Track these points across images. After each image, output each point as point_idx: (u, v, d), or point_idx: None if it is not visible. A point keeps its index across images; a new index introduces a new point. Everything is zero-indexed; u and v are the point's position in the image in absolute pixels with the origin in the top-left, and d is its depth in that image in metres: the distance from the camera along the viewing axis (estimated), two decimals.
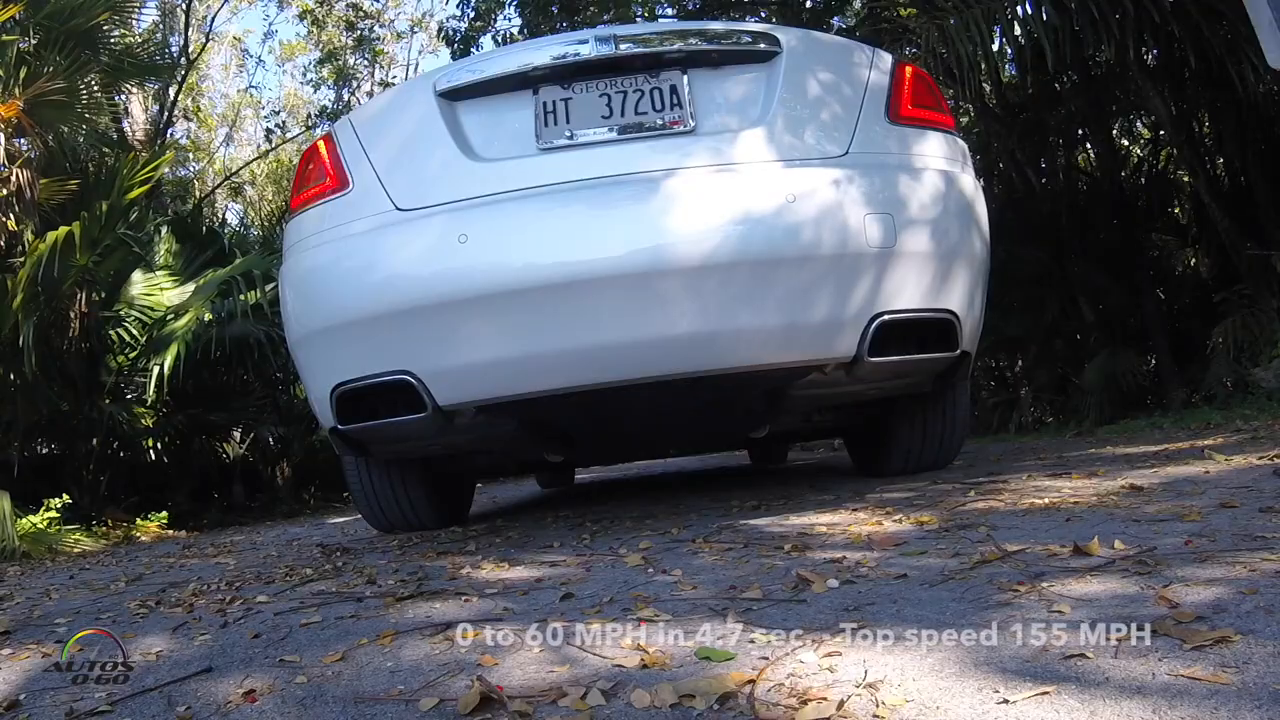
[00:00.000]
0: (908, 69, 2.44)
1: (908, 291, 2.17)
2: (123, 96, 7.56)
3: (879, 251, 2.11)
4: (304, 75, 16.24)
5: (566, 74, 2.25)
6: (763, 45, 2.31)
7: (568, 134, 2.22)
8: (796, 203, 2.07)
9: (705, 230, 2.04)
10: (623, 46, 2.24)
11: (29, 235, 4.75)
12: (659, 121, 2.22)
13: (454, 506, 3.08)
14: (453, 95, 2.28)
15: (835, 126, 2.25)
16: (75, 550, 4.17)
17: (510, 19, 8.99)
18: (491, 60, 2.35)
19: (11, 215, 4.68)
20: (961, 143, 2.48)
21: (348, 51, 14.38)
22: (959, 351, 2.32)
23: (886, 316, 2.14)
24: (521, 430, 2.43)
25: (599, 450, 3.45)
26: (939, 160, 2.33)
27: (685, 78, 2.24)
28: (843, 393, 2.43)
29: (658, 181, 2.11)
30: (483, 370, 2.11)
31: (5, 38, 4.89)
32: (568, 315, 2.05)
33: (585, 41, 2.26)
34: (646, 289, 2.04)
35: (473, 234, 2.07)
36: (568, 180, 2.13)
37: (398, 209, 2.18)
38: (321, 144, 2.42)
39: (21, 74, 4.88)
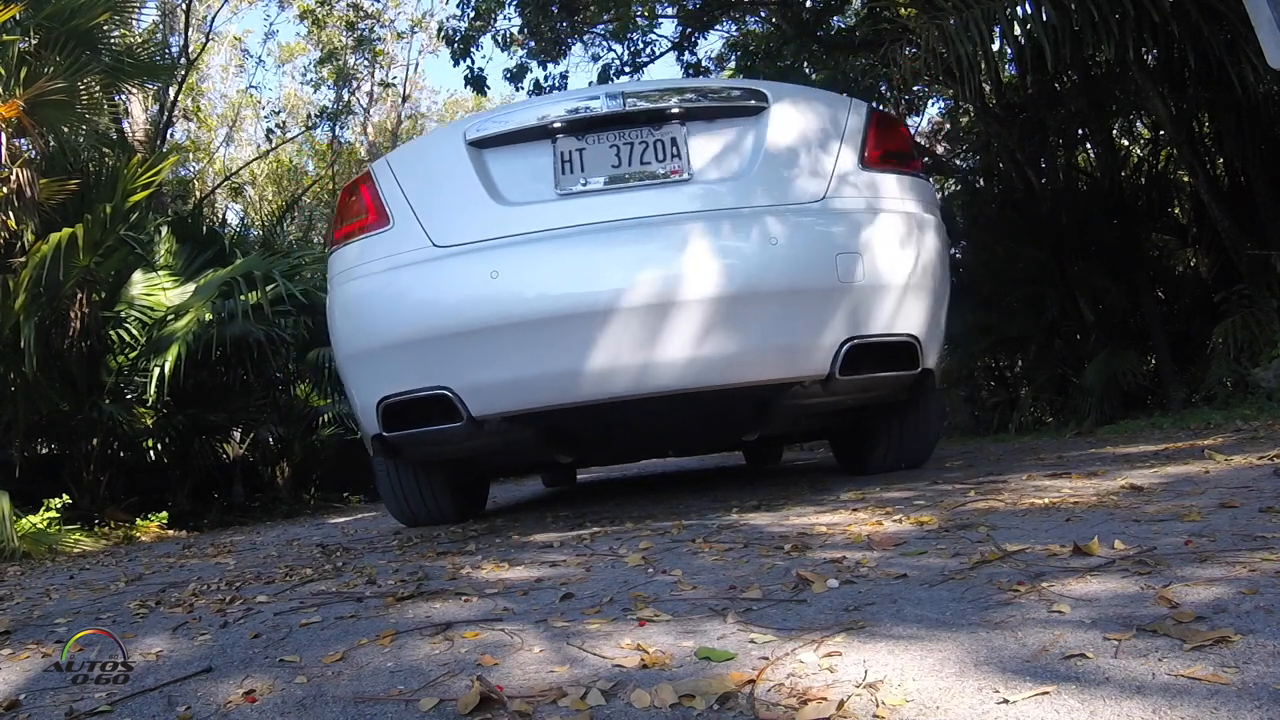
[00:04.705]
0: (882, 118, 2.71)
1: (874, 319, 2.45)
2: (123, 97, 7.55)
3: (849, 286, 2.39)
4: (304, 75, 16.22)
5: (581, 127, 2.51)
6: (752, 101, 2.57)
7: (582, 181, 2.49)
8: (778, 245, 2.37)
9: (700, 268, 2.33)
10: (629, 102, 2.51)
11: (29, 235, 4.75)
12: (660, 171, 2.49)
13: (471, 502, 3.37)
14: (480, 144, 2.55)
15: (814, 174, 2.51)
16: (75, 550, 4.16)
17: (510, 19, 8.98)
18: (515, 113, 2.61)
19: (11, 214, 4.68)
20: (928, 185, 2.76)
21: (348, 51, 14.36)
22: (920, 369, 2.56)
23: (855, 341, 2.42)
24: (539, 436, 2.70)
25: (605, 452, 3.79)
26: (906, 203, 2.58)
27: (684, 130, 2.52)
28: (820, 404, 2.68)
29: (660, 225, 2.39)
30: (510, 386, 2.40)
31: (5, 38, 4.89)
32: (584, 340, 2.33)
33: (597, 97, 2.54)
34: (650, 318, 2.32)
35: (503, 270, 2.36)
36: (583, 223, 2.41)
37: (435, 245, 2.46)
38: (361, 182, 2.68)
39: (22, 74, 4.87)
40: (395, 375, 2.47)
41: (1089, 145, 8.27)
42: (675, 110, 2.52)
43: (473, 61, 8.75)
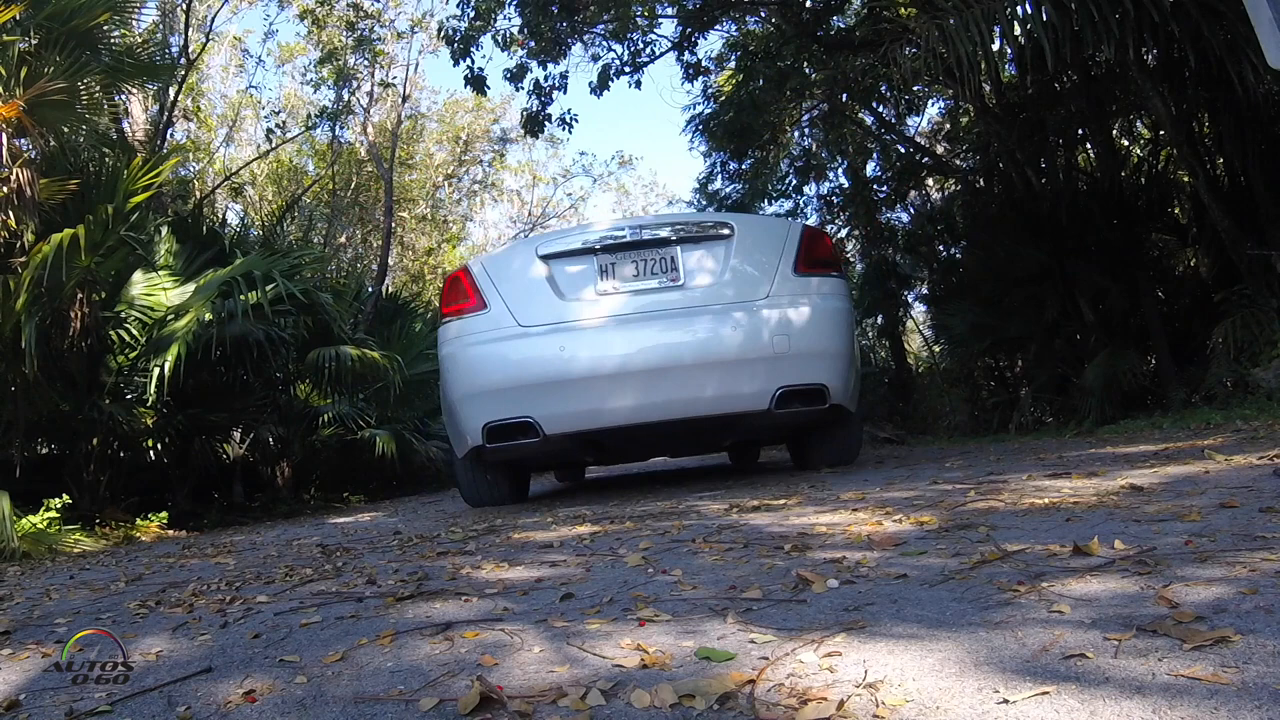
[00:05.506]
0: (811, 234, 3.84)
1: (797, 374, 3.55)
2: (123, 97, 7.52)
3: (782, 354, 3.53)
4: (304, 75, 16.17)
5: (612, 248, 3.66)
6: (724, 230, 3.73)
7: (614, 285, 3.64)
8: (737, 329, 3.53)
9: (688, 344, 3.50)
10: (644, 232, 3.68)
11: (29, 235, 4.75)
12: (663, 280, 3.64)
13: (521, 489, 4.48)
14: (547, 257, 3.69)
15: (762, 278, 3.65)
16: (75, 550, 4.16)
17: (510, 19, 8.96)
18: (569, 236, 3.75)
19: (11, 214, 4.68)
20: (842, 280, 3.88)
21: (348, 51, 14.32)
22: (829, 404, 3.62)
23: (785, 388, 3.52)
24: (580, 446, 3.79)
25: (620, 455, 5.03)
26: (825, 297, 3.70)
27: (678, 249, 3.67)
28: (767, 426, 3.85)
29: (663, 316, 3.56)
30: (570, 416, 3.50)
31: (6, 38, 4.88)
32: (617, 388, 3.48)
33: (623, 229, 3.69)
34: (657, 375, 3.48)
35: (566, 345, 3.51)
36: (615, 314, 3.57)
37: (520, 325, 3.59)
38: (461, 275, 3.83)
39: (22, 74, 4.87)
40: (495, 409, 3.54)
41: (1089, 145, 8.26)
42: (672, 237, 3.66)
43: (473, 61, 8.73)
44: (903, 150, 11.41)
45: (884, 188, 11.61)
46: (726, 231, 3.70)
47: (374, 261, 16.94)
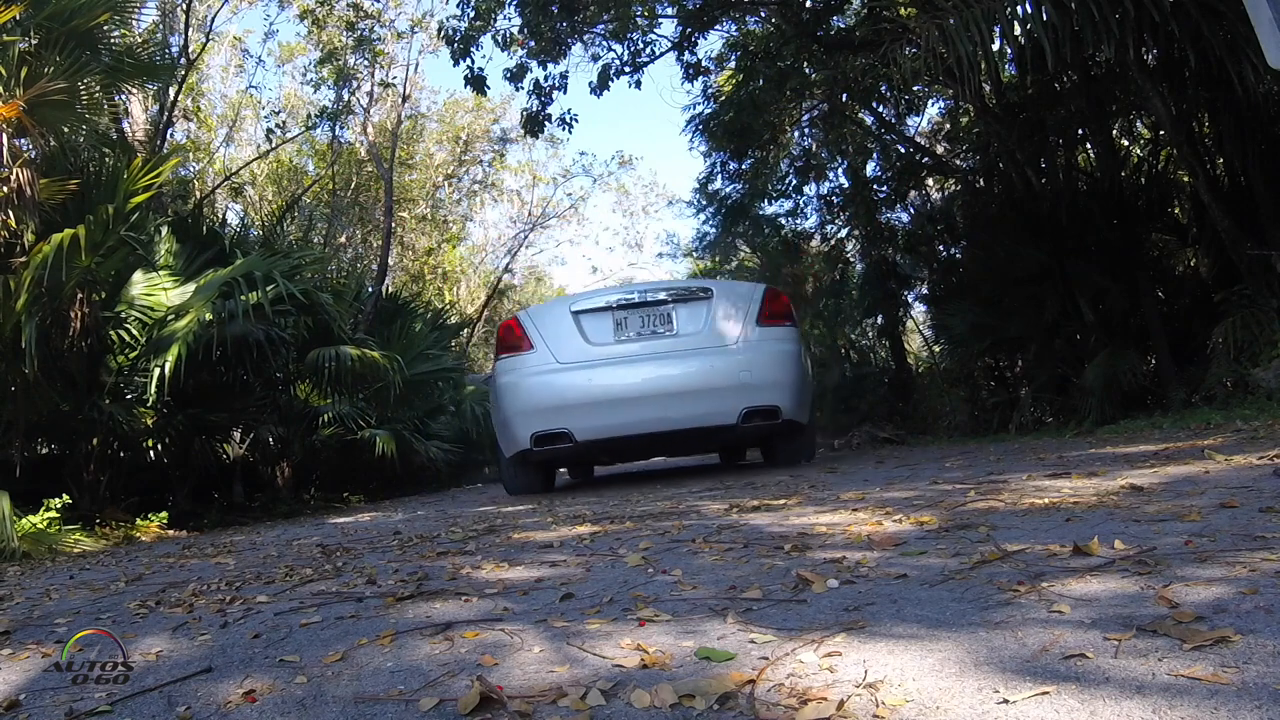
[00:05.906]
0: (771, 293, 4.94)
1: (757, 398, 4.59)
2: (123, 97, 7.51)
3: (747, 384, 4.58)
4: (304, 75, 16.14)
5: (625, 306, 4.75)
6: (706, 293, 4.85)
7: (626, 334, 4.73)
8: (715, 366, 4.60)
9: (679, 376, 4.58)
10: (648, 295, 4.77)
11: (30, 235, 4.75)
12: (662, 329, 4.73)
13: (550, 482, 5.65)
14: (577, 312, 4.75)
15: (733, 329, 4.73)
16: (75, 550, 4.16)
17: (510, 18, 8.95)
18: (594, 297, 4.84)
19: (11, 214, 4.68)
20: (794, 328, 4.99)
21: (348, 51, 14.30)
22: (782, 420, 4.69)
23: (748, 408, 4.57)
24: (599, 448, 4.92)
25: (628, 455, 6.72)
26: (779, 341, 4.78)
27: (673, 307, 4.76)
28: (737, 435, 5.02)
29: (662, 356, 4.64)
30: (596, 427, 4.57)
31: (6, 38, 4.88)
32: (628, 407, 4.54)
33: (633, 293, 4.79)
34: (658, 398, 4.54)
35: (592, 377, 4.59)
36: (627, 355, 4.67)
37: (558, 362, 4.67)
38: (513, 323, 4.94)
39: (22, 74, 4.87)
40: (540, 422, 4.60)
41: (1089, 145, 8.25)
42: (669, 299, 4.78)
43: (473, 61, 8.72)
44: (903, 150, 11.40)
45: (884, 188, 11.60)
46: (708, 294, 4.86)
47: (374, 261, 16.94)
